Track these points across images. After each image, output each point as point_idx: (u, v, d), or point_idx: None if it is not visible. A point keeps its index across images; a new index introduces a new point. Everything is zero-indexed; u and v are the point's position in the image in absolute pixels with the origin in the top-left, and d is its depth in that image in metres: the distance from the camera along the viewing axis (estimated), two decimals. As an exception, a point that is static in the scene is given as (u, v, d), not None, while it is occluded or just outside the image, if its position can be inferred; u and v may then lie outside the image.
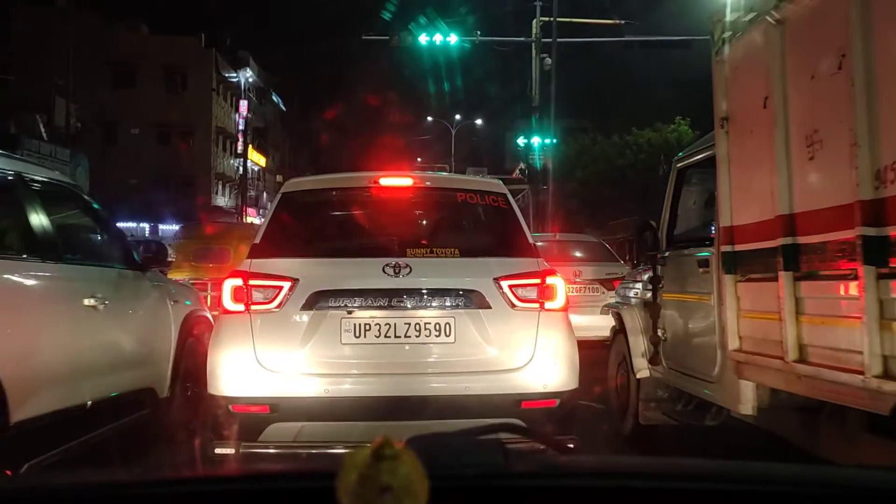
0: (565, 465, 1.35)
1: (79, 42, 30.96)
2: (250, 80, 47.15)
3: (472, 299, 4.12)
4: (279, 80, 56.61)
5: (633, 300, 6.28)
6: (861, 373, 2.98)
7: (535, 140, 22.89)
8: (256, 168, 50.79)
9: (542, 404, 4.08)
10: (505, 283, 4.14)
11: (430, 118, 47.53)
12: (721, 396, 4.60)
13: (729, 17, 4.15)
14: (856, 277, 3.00)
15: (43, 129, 27.21)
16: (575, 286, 9.44)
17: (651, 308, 5.57)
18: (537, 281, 4.18)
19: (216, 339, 4.24)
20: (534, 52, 22.21)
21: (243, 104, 43.62)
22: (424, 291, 4.13)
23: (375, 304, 4.08)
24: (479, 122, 47.94)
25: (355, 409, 3.99)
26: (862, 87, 2.97)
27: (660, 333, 5.53)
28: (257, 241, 4.42)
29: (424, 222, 4.89)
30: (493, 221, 4.83)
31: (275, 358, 4.06)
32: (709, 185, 5.09)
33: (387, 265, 4.10)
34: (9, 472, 1.53)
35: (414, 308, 4.10)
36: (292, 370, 4.07)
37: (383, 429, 3.56)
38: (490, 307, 4.11)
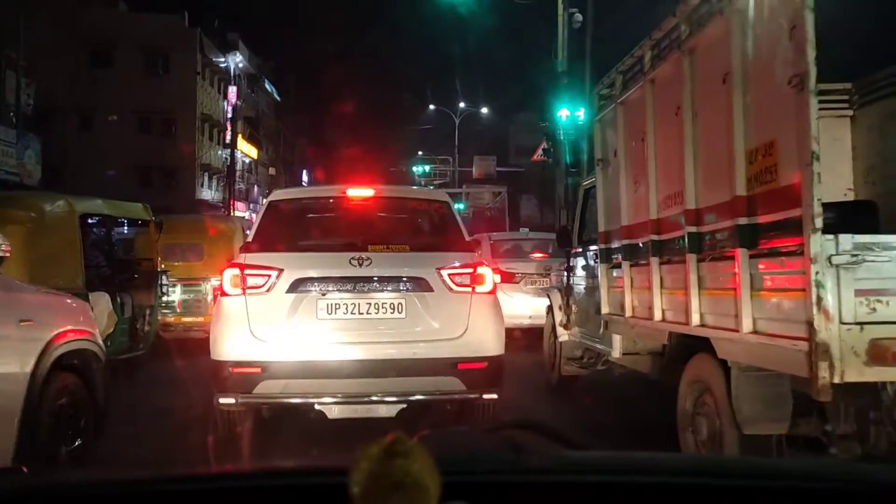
0: (577, 460, 1.35)
1: (49, 19, 28.96)
2: (240, 65, 44.37)
3: (419, 284, 5.03)
4: (273, 66, 54.63)
5: (557, 285, 8.45)
6: (650, 319, 5.13)
7: (563, 113, 17.81)
8: (247, 160, 48.50)
9: (474, 366, 4.98)
10: (444, 272, 5.04)
11: (432, 106, 45.65)
12: (603, 347, 6.73)
13: (599, 96, 6.31)
14: (647, 265, 5.15)
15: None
16: (543, 279, 10.71)
17: (565, 289, 7.72)
18: (470, 270, 5.11)
19: (218, 316, 5.11)
20: (560, 6, 18.20)
21: (232, 90, 40.92)
22: (382, 278, 5.02)
23: (343, 288, 4.98)
24: (484, 110, 45.17)
25: (328, 370, 4.86)
26: (651, 153, 5.12)
27: (573, 308, 7.68)
28: (250, 239, 5.38)
29: (382, 224, 5.80)
30: (436, 224, 5.89)
31: (265, 330, 4.92)
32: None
33: (352, 258, 4.98)
34: (24, 468, 1.48)
35: (373, 291, 5.01)
36: (279, 339, 4.93)
37: (349, 384, 5.19)
38: (433, 290, 5.01)
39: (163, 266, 9.67)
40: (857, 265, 3.22)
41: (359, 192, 5.77)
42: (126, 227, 10.25)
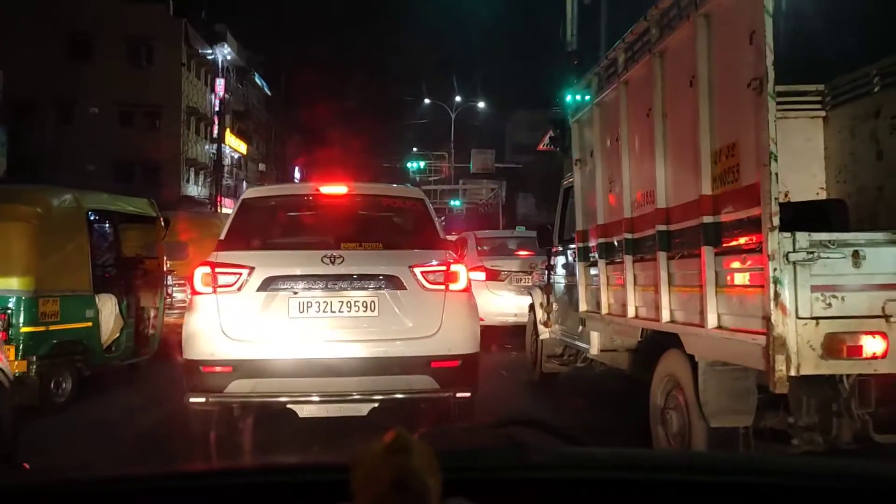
0: (577, 457, 1.34)
1: (26, 6, 27.84)
2: (228, 57, 42.69)
3: (391, 282, 4.96)
4: (263, 59, 53.01)
5: (539, 283, 8.55)
6: (625, 316, 5.24)
7: (573, 95, 14.72)
8: (236, 155, 46.83)
9: (447, 364, 4.91)
10: (417, 270, 4.98)
11: (427, 100, 44.22)
12: (582, 344, 6.84)
13: (575, 96, 6.43)
14: (622, 263, 5.26)
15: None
16: (529, 277, 10.48)
17: (546, 287, 7.83)
18: (443, 268, 5.05)
19: (190, 315, 5.02)
20: None
21: (219, 83, 39.28)
22: (354, 276, 4.96)
23: (315, 286, 4.91)
24: (481, 104, 43.88)
25: (300, 368, 4.81)
26: (625, 154, 5.23)
27: (553, 306, 7.79)
28: (222, 237, 5.25)
29: (356, 222, 5.66)
30: (410, 222, 5.79)
31: (236, 329, 4.86)
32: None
33: (324, 256, 4.93)
34: (26, 465, 1.47)
35: (346, 289, 4.93)
36: (250, 338, 4.88)
37: (321, 383, 5.16)
38: (406, 288, 4.95)
39: (168, 265, 9.27)
40: (812, 262, 3.33)
41: (333, 190, 5.77)
42: (130, 224, 9.34)
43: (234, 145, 45.24)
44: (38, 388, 6.49)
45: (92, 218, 7.72)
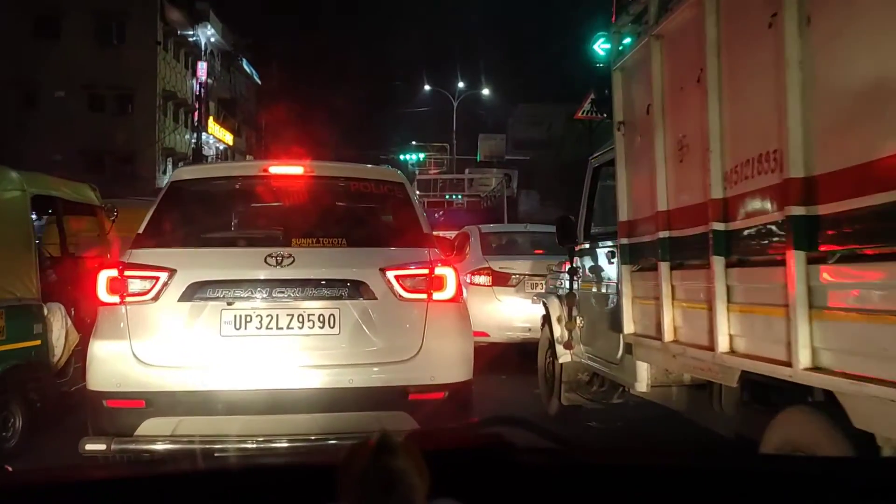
0: (566, 457, 1.33)
1: None
2: (212, 39, 39.78)
3: (357, 290, 4.03)
4: (250, 43, 49.34)
5: (557, 290, 6.70)
6: (712, 350, 3.40)
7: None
8: (221, 146, 43.12)
9: (429, 396, 4.00)
10: (391, 274, 4.05)
11: (427, 87, 41.41)
12: (623, 376, 5.01)
13: (622, 30, 4.56)
14: (709, 267, 3.42)
15: None
16: (541, 280, 8.94)
17: (568, 297, 5.98)
18: (425, 271, 4.08)
19: (94, 332, 4.13)
20: None
21: (201, 66, 36.21)
22: (308, 282, 4.02)
23: (257, 295, 3.97)
24: (485, 91, 40.21)
25: (235, 403, 3.87)
26: (715, 97, 3.38)
27: (578, 321, 5.95)
28: (141, 230, 4.25)
29: (314, 212, 4.64)
30: (385, 211, 4.80)
31: (151, 351, 3.95)
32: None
33: (269, 255, 4.01)
34: (8, 468, 1.49)
35: (296, 299, 3.99)
36: (169, 363, 3.95)
37: (264, 422, 3.75)
38: (376, 298, 4.02)
39: None
40: None
41: (285, 170, 4.70)
42: (72, 215, 7.58)
43: (219, 135, 42.30)
44: None
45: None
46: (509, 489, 1.17)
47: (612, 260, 5.27)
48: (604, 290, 5.47)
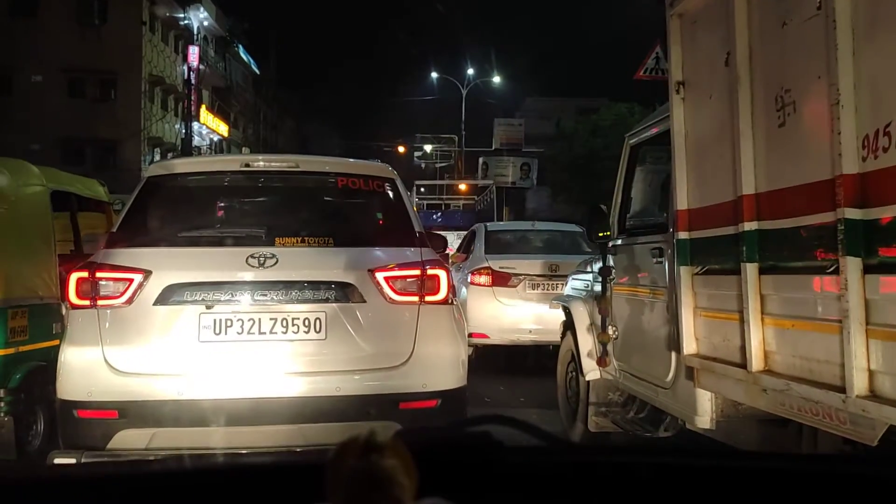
0: (555, 455, 1.33)
1: None
2: (205, 23, 37.94)
3: (344, 292, 3.94)
4: (247, 28, 47.54)
5: (583, 293, 5.68)
6: (842, 390, 2.38)
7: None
8: (216, 137, 41.08)
9: (421, 405, 3.91)
10: (380, 275, 3.95)
11: (435, 74, 39.16)
12: (675, 406, 4.02)
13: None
14: (836, 272, 2.40)
15: None
16: (550, 282, 8.63)
17: (600, 302, 4.97)
18: (416, 272, 3.97)
19: (64, 337, 4.06)
20: None
21: (192, 50, 34.10)
22: (292, 284, 3.94)
23: (238, 298, 3.88)
24: (496, 79, 37.49)
25: (214, 413, 3.80)
26: (847, 29, 2.35)
27: (610, 331, 4.95)
28: (114, 229, 4.18)
29: (299, 209, 4.55)
30: (375, 209, 4.63)
31: (125, 358, 3.86)
32: (665, 164, 4.49)
33: (251, 255, 3.91)
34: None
35: (280, 302, 3.91)
36: (144, 371, 3.88)
37: (245, 434, 3.61)
38: (364, 301, 3.92)
39: None
40: None
41: (268, 165, 4.52)
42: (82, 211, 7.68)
43: (212, 125, 40.23)
44: (13, 434, 5.10)
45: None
46: (498, 488, 1.17)
47: (660, 259, 4.27)
48: (648, 296, 4.46)
